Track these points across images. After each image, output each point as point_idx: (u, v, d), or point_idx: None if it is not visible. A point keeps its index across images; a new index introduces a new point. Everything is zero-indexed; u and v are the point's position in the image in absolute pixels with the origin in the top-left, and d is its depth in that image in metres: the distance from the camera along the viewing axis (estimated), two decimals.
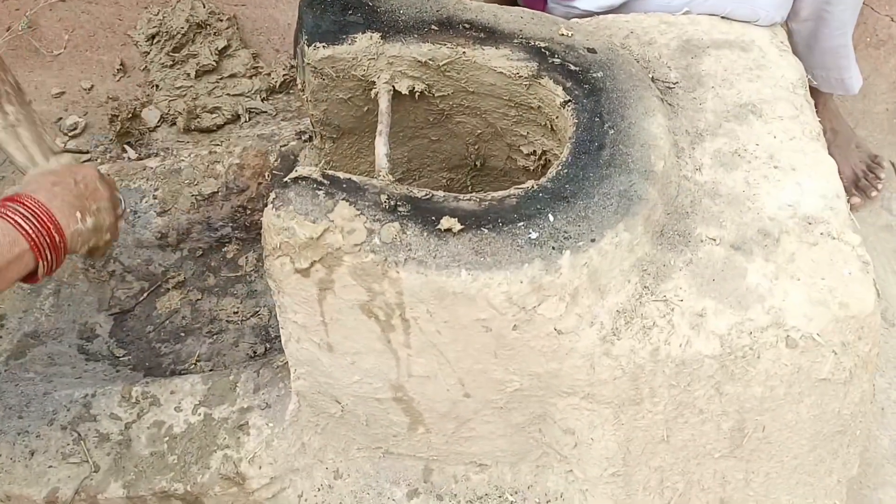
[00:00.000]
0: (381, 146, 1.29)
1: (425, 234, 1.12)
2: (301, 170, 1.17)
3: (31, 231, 1.13)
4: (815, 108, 1.89)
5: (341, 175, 1.17)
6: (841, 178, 1.86)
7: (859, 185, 1.88)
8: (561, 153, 1.26)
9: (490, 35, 1.39)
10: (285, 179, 1.15)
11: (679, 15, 1.52)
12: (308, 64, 1.38)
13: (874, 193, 1.87)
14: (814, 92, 1.87)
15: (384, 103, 1.36)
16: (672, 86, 1.40)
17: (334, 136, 1.51)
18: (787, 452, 1.23)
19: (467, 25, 1.40)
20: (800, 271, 1.16)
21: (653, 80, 1.40)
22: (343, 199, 1.13)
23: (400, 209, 1.14)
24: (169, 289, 1.66)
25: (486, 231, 1.12)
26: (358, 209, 1.12)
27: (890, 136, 1.97)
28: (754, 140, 1.31)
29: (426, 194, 1.17)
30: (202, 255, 1.69)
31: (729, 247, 1.19)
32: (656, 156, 1.23)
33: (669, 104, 1.37)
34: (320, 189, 1.14)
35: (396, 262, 1.09)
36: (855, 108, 2.00)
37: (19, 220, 1.13)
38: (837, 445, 1.25)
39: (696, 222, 1.22)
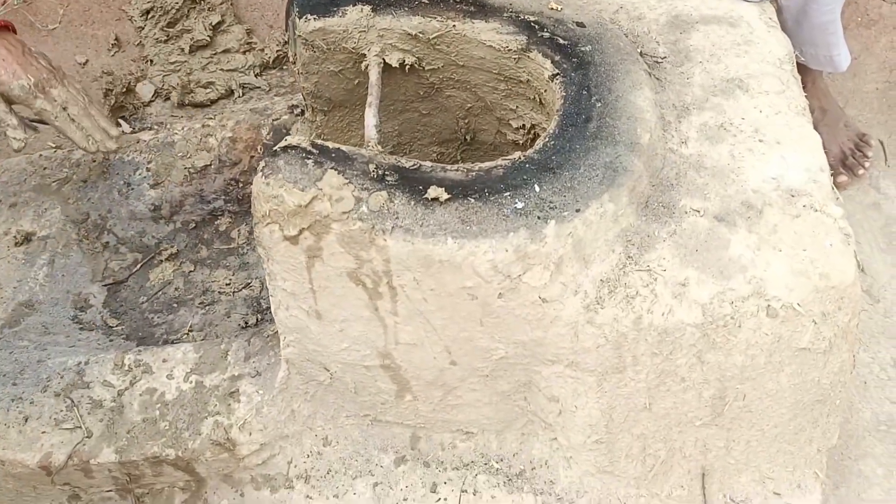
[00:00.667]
0: (370, 117, 1.30)
1: (412, 202, 1.13)
2: (291, 139, 1.18)
3: None
4: (804, 86, 1.90)
5: (330, 145, 1.19)
6: (829, 155, 1.89)
7: (847, 163, 1.89)
8: (549, 126, 1.27)
9: (480, 9, 1.40)
10: (275, 148, 1.16)
11: None
12: (299, 36, 1.39)
13: (861, 171, 1.88)
14: (803, 70, 1.88)
15: (374, 76, 1.37)
16: (660, 60, 1.41)
17: (325, 108, 1.52)
18: (767, 421, 1.25)
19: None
20: (782, 242, 1.18)
21: (641, 54, 1.41)
22: (332, 168, 1.15)
23: (388, 178, 1.16)
24: (162, 260, 1.67)
25: (472, 200, 1.14)
26: (346, 178, 1.14)
27: (879, 115, 1.98)
28: (740, 114, 1.32)
29: (414, 164, 1.19)
30: (195, 227, 1.71)
31: (713, 218, 1.21)
32: (642, 128, 1.24)
33: (657, 78, 1.38)
34: (309, 158, 1.15)
35: (384, 230, 1.11)
36: (845, 86, 2.01)
37: None
38: (817, 414, 1.27)
39: (680, 194, 1.24)
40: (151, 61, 2.05)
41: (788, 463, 1.31)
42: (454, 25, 1.38)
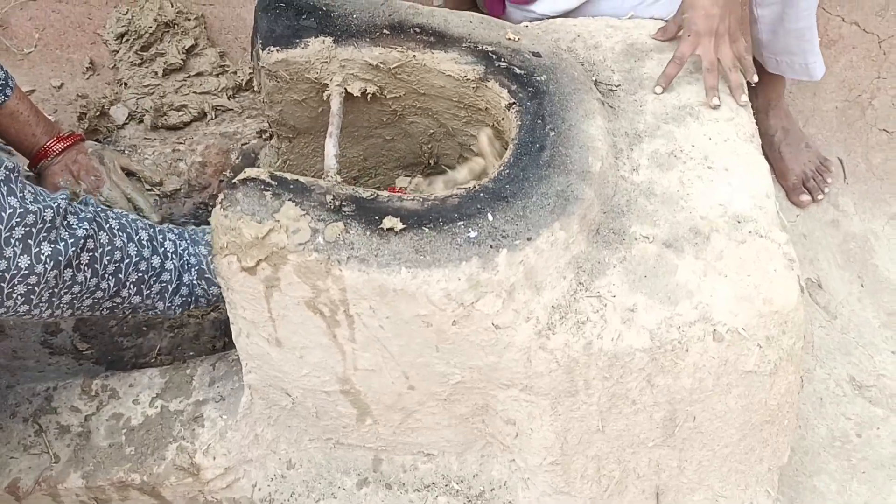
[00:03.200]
0: (330, 147, 1.33)
1: (368, 233, 1.16)
2: (249, 171, 1.21)
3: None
4: (767, 108, 1.94)
5: (289, 176, 1.22)
6: (791, 175, 1.93)
7: (808, 185, 1.93)
8: (504, 155, 1.31)
9: (440, 39, 1.44)
10: (234, 181, 1.19)
11: (625, 19, 1.57)
12: (263, 67, 1.42)
13: (820, 196, 1.92)
14: (766, 90, 1.92)
15: (335, 105, 1.40)
16: (614, 88, 1.45)
17: (290, 135, 1.56)
18: (718, 441, 1.29)
19: (418, 30, 1.45)
20: (727, 268, 1.22)
21: (596, 83, 1.45)
22: (289, 200, 1.18)
23: (345, 209, 1.19)
24: None
25: (427, 230, 1.17)
26: (303, 209, 1.17)
27: (838, 134, 2.03)
28: (690, 141, 1.36)
29: (371, 194, 1.22)
30: None
31: (661, 244, 1.24)
32: (594, 157, 1.28)
33: (610, 106, 1.42)
34: (268, 190, 1.18)
35: (339, 261, 1.14)
36: (805, 106, 2.05)
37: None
38: (767, 435, 1.30)
39: (631, 221, 1.27)
40: (125, 84, 2.07)
41: (740, 482, 1.34)
42: (414, 56, 1.41)
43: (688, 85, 1.44)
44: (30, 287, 1.17)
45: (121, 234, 1.30)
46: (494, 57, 1.41)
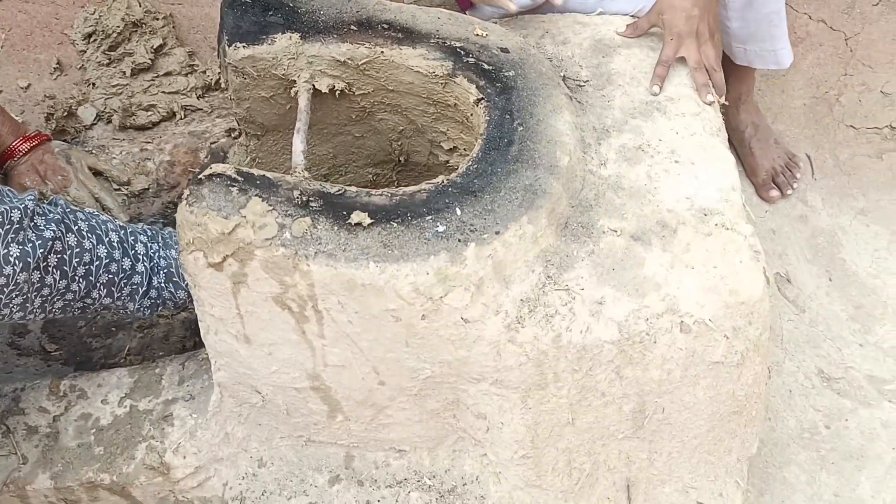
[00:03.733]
0: (297, 143, 1.33)
1: (336, 228, 1.16)
2: (215, 167, 1.20)
3: None
4: (738, 103, 1.95)
5: (255, 172, 1.21)
6: (761, 170, 1.95)
7: (777, 180, 1.95)
8: (473, 150, 1.31)
9: (408, 35, 1.44)
10: (199, 176, 1.19)
11: (593, 15, 1.58)
12: (229, 63, 1.42)
13: (789, 192, 1.94)
14: (736, 86, 1.93)
15: (303, 102, 1.40)
16: (582, 84, 1.46)
17: (259, 133, 1.55)
18: (687, 433, 1.29)
19: (386, 26, 1.45)
20: (694, 260, 1.23)
21: (564, 78, 1.46)
22: (256, 195, 1.17)
23: (312, 204, 1.18)
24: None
25: (395, 225, 1.17)
26: (270, 205, 1.16)
27: (806, 130, 2.05)
28: (657, 136, 1.37)
29: (339, 189, 1.22)
30: None
31: (629, 238, 1.25)
32: (561, 151, 1.28)
33: (579, 101, 1.42)
34: (234, 185, 1.18)
35: (307, 256, 1.13)
36: (773, 102, 2.07)
37: None
38: (735, 425, 1.31)
39: (599, 214, 1.28)
40: (93, 84, 2.06)
41: (710, 473, 1.35)
42: (382, 52, 1.41)
43: None
44: None
45: (90, 235, 1.29)
46: (462, 53, 1.42)
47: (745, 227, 1.26)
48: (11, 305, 1.19)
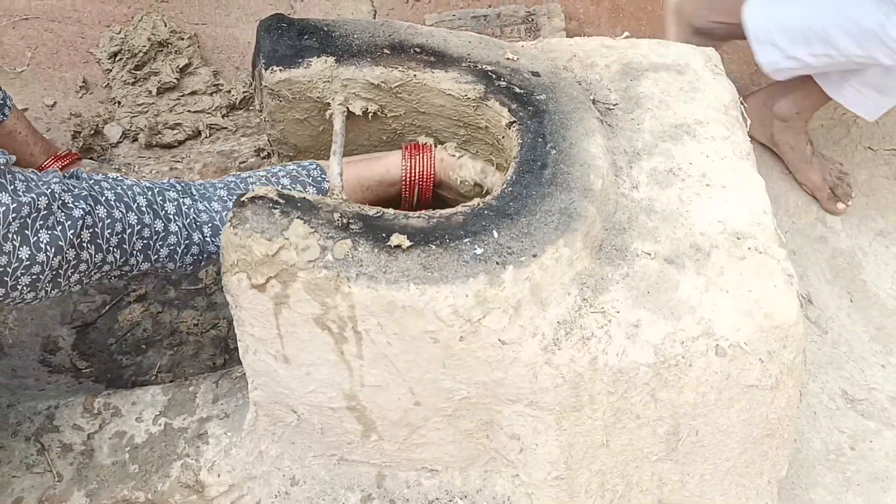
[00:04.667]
0: (335, 166, 1.34)
1: (376, 250, 1.18)
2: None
3: None
4: (807, 119, 1.95)
5: (296, 194, 1.23)
6: (824, 186, 1.95)
7: (837, 192, 1.97)
8: (506, 173, 1.33)
9: (440, 59, 1.46)
10: (242, 199, 1.20)
11: (619, 39, 1.60)
12: (265, 86, 1.44)
13: (850, 202, 1.97)
14: (810, 102, 1.90)
15: (338, 124, 1.42)
16: (612, 107, 1.48)
17: (291, 154, 1.57)
18: (719, 455, 1.31)
19: (418, 49, 1.47)
20: (728, 284, 1.24)
21: (594, 101, 1.48)
22: (297, 218, 1.19)
23: (352, 226, 1.20)
24: (130, 302, 1.70)
25: (433, 247, 1.19)
26: (312, 227, 1.18)
27: (825, 151, 2.07)
28: (688, 159, 1.39)
29: (377, 212, 1.23)
30: None
31: (663, 261, 1.27)
32: (595, 175, 1.30)
33: (609, 125, 1.44)
34: (276, 208, 1.19)
35: (348, 278, 1.15)
36: None
37: None
38: (767, 448, 1.32)
39: (632, 237, 1.30)
40: (119, 103, 2.08)
41: (741, 495, 1.36)
42: (415, 75, 1.43)
43: (683, 104, 1.47)
44: (34, 276, 1.16)
45: (118, 204, 1.27)
46: (494, 76, 1.44)
47: (778, 250, 1.28)
48: (47, 287, 1.20)
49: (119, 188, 1.30)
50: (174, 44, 2.08)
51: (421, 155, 1.49)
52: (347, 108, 1.45)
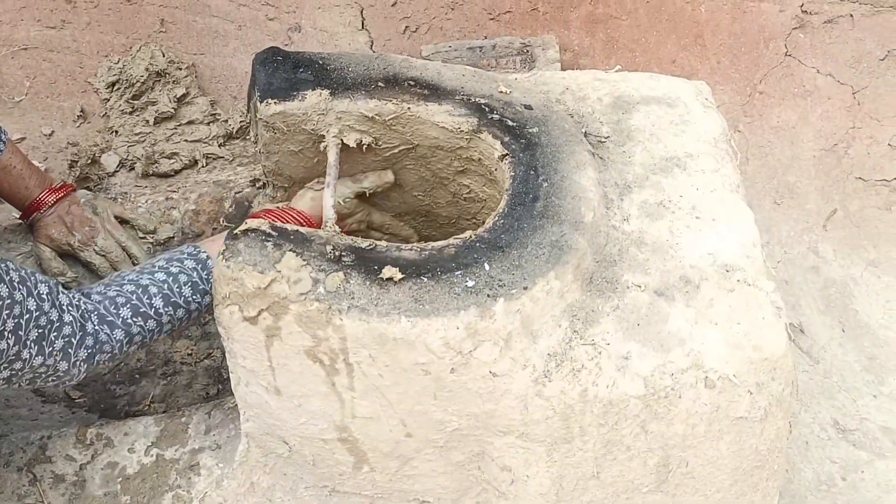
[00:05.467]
0: (328, 198, 1.36)
1: (368, 282, 1.18)
2: (250, 222, 1.23)
3: None
4: None
5: (289, 227, 1.24)
6: None
7: None
8: (499, 205, 1.34)
9: (433, 92, 1.48)
10: (235, 231, 1.21)
11: (611, 72, 1.62)
12: (260, 119, 1.45)
13: None
14: None
15: (332, 156, 1.43)
16: (603, 140, 1.49)
17: (286, 185, 1.58)
18: (709, 486, 1.31)
19: (412, 82, 1.49)
20: (718, 316, 1.25)
21: (585, 134, 1.49)
22: (290, 251, 1.20)
23: (344, 259, 1.21)
24: None
25: (425, 280, 1.20)
26: (304, 259, 1.19)
27: (816, 181, 2.08)
28: (678, 192, 1.40)
29: (370, 245, 1.25)
30: None
31: (653, 293, 1.28)
32: (586, 207, 1.31)
33: (600, 157, 1.46)
34: (269, 241, 1.21)
35: (340, 310, 1.16)
36: (783, 154, 2.11)
37: None
38: (757, 479, 1.33)
39: (623, 269, 1.31)
40: (116, 132, 2.09)
41: None
42: (409, 108, 1.45)
43: (674, 137, 1.49)
44: None
45: (20, 286, 1.18)
46: (487, 109, 1.45)
47: (767, 283, 1.29)
48: None
49: (23, 272, 1.22)
50: (172, 73, 2.10)
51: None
52: (342, 140, 1.46)
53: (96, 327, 1.28)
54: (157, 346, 1.68)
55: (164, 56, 2.10)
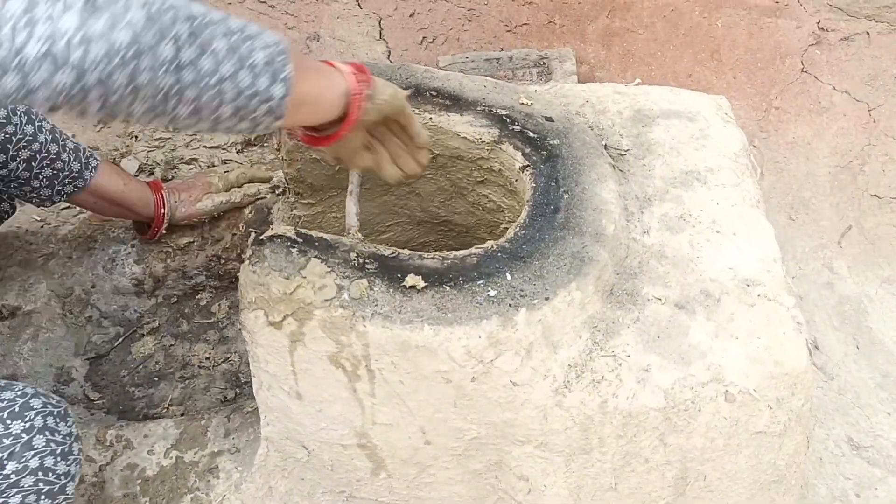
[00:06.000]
0: (351, 205, 1.37)
1: (391, 290, 1.19)
2: (276, 228, 1.24)
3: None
4: None
5: (314, 234, 1.25)
6: None
7: None
8: (520, 214, 1.35)
9: (455, 102, 1.49)
10: (261, 237, 1.22)
11: (631, 86, 1.63)
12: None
13: None
14: None
15: None
16: (624, 153, 1.50)
17: (307, 192, 1.59)
18: (726, 500, 1.31)
19: (434, 93, 1.50)
20: (738, 330, 1.26)
21: (606, 147, 1.50)
22: (315, 257, 1.21)
23: (368, 266, 1.22)
24: (143, 334, 1.71)
25: (447, 288, 1.21)
26: (329, 266, 1.20)
27: (831, 197, 2.09)
28: (698, 206, 1.41)
29: (392, 252, 1.25)
30: (176, 301, 1.76)
31: (673, 306, 1.28)
32: (607, 219, 1.32)
33: (621, 170, 1.47)
34: (294, 247, 1.22)
35: (364, 317, 1.17)
36: (798, 171, 2.12)
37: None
38: (774, 494, 1.33)
39: (643, 282, 1.31)
40: (136, 137, 2.11)
41: None
42: (431, 118, 1.46)
43: (694, 151, 1.50)
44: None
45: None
46: (508, 120, 1.46)
47: (788, 298, 1.29)
48: None
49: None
50: None
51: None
52: None
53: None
54: (175, 349, 1.70)
55: None
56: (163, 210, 1.68)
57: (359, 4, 2.23)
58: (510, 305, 1.19)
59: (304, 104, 1.06)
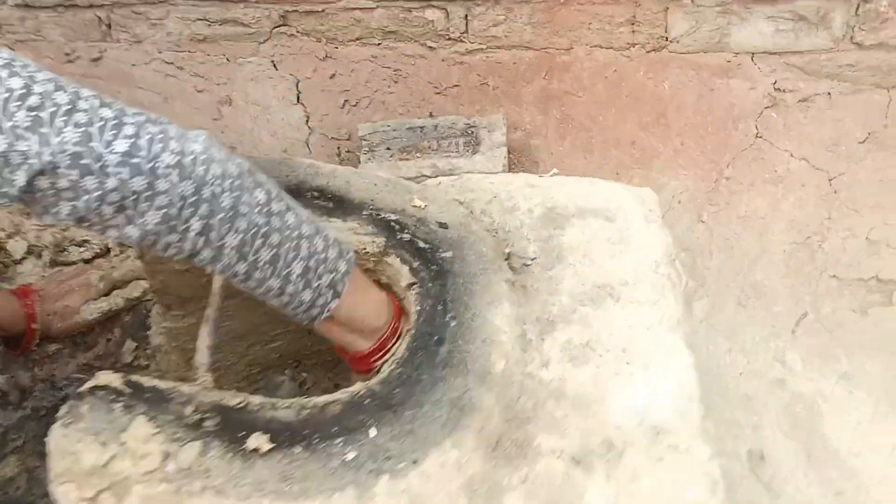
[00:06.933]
0: (204, 336, 1.19)
1: (229, 454, 1.02)
2: (102, 376, 1.07)
3: None
4: None
5: (146, 382, 1.07)
6: None
7: None
8: (398, 349, 1.18)
9: (339, 205, 1.32)
10: (80, 390, 1.05)
11: (546, 177, 1.46)
12: None
13: None
14: None
15: (217, 283, 1.27)
16: (529, 263, 1.33)
17: (176, 303, 1.42)
18: None
19: (317, 193, 1.33)
20: (640, 492, 1.07)
21: (509, 256, 1.33)
22: (142, 414, 1.03)
23: (206, 423, 1.05)
24: (6, 453, 1.53)
25: (298, 450, 1.03)
26: (157, 425, 1.03)
27: (786, 280, 1.91)
28: (608, 329, 1.23)
29: (241, 402, 1.08)
30: (45, 414, 1.58)
31: (570, 460, 1.10)
32: (497, 354, 1.15)
33: (522, 286, 1.29)
34: (119, 401, 1.04)
35: (191, 493, 0.99)
36: (751, 248, 1.94)
37: None
38: None
39: (537, 429, 1.13)
40: (28, 215, 1.94)
41: None
42: None
43: (609, 259, 1.33)
44: None
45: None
46: (397, 227, 1.29)
47: (703, 449, 1.11)
48: None
49: None
50: None
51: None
52: None
53: None
54: (41, 471, 1.52)
55: None
56: (34, 325, 1.51)
57: (274, 65, 2.05)
58: (370, 471, 1.02)
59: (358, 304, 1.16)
